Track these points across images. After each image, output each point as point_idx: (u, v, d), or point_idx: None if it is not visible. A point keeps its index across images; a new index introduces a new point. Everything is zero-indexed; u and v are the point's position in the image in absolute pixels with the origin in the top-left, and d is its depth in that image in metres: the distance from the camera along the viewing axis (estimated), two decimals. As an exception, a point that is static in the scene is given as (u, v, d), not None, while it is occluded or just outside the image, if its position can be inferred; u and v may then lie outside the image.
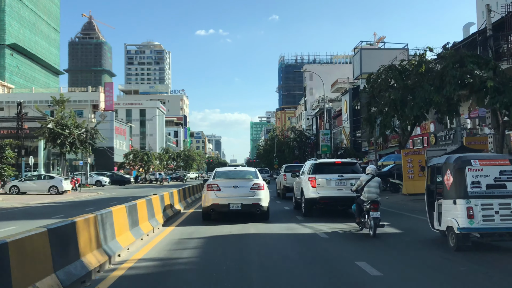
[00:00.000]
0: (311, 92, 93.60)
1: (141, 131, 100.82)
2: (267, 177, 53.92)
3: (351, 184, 13.37)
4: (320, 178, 14.47)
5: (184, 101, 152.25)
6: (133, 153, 64.15)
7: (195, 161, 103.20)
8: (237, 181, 14.11)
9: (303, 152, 63.51)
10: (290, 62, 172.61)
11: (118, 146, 69.18)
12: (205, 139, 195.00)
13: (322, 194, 14.35)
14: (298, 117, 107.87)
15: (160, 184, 61.82)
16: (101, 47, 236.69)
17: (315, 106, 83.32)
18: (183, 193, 20.71)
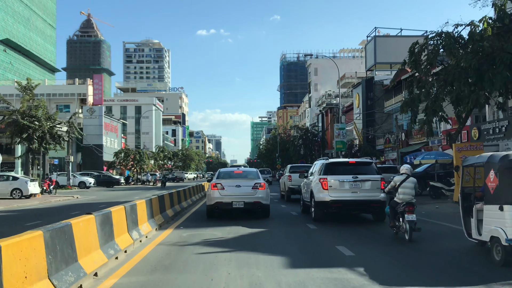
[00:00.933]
0: (316, 88, 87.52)
1: (136, 129, 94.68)
2: (268, 177, 51.16)
3: (367, 186, 12.78)
4: (333, 180, 13.03)
5: (183, 99, 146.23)
6: (124, 152, 58.00)
7: (194, 161, 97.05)
8: (240, 181, 14.63)
9: (310, 150, 57.41)
10: (292, 60, 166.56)
11: (109, 144, 63.04)
12: (205, 138, 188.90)
13: (334, 197, 12.88)
14: (302, 115, 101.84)
15: (153, 185, 55.93)
16: (100, 45, 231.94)
17: (321, 102, 77.25)
18: (169, 200, 15.82)
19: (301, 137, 57.92)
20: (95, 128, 58.67)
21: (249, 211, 14.76)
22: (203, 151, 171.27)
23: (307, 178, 15.56)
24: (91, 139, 57.84)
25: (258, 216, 14.72)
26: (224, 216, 14.78)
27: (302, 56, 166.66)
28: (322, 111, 72.17)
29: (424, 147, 35.41)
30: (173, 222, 14.33)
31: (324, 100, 76.37)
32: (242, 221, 13.57)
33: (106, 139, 62.35)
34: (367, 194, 12.80)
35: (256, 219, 14.15)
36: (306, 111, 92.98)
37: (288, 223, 13.73)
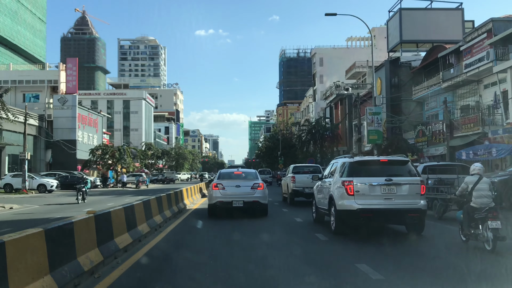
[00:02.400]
0: (321, 80, 77.92)
1: (124, 125, 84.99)
2: (268, 178, 47.52)
3: (403, 191, 10.01)
4: (360, 183, 10.10)
5: (178, 96, 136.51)
6: (102, 149, 48.27)
7: (187, 161, 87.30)
8: (239, 181, 14.92)
9: (320, 147, 47.81)
10: (292, 56, 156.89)
11: (86, 140, 53.28)
12: (201, 137, 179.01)
13: (363, 205, 9.96)
14: (304, 110, 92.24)
15: (136, 188, 46.33)
16: (95, 43, 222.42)
17: (329, 94, 67.69)
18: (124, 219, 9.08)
19: (309, 132, 48.24)
20: (67, 120, 48.95)
21: (248, 211, 14.71)
22: (199, 150, 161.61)
23: (322, 181, 12.71)
24: (62, 134, 48.19)
25: (257, 219, 14.19)
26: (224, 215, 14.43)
27: (302, 52, 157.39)
28: (330, 104, 62.63)
29: (486, 138, 25.89)
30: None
31: (332, 92, 66.83)
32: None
33: (83, 134, 52.59)
34: (404, 201, 9.97)
35: (254, 229, 12.13)
36: (310, 106, 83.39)
37: (292, 232, 11.72)
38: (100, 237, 7.37)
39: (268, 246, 9.76)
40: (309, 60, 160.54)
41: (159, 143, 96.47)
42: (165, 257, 8.67)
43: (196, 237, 11.43)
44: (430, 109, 38.23)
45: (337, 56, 76.89)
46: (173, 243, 10.32)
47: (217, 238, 10.87)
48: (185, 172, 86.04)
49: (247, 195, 14.42)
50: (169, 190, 18.45)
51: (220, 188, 14.61)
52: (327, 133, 48.11)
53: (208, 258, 8.26)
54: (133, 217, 9.81)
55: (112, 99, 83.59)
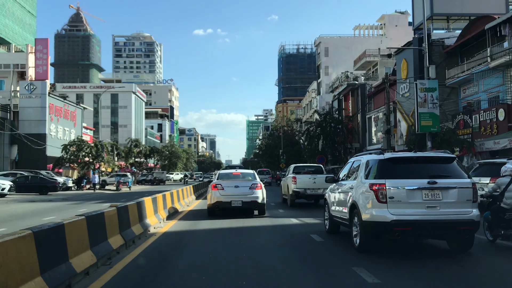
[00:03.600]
0: (327, 72, 70.42)
1: (112, 121, 77.29)
2: (267, 178, 44.89)
3: (451, 197, 7.79)
4: (395, 187, 7.81)
5: (173, 93, 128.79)
6: (76, 144, 40.67)
7: (181, 160, 79.65)
8: (238, 182, 14.94)
9: (332, 143, 40.23)
10: (291, 52, 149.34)
11: (61, 135, 45.61)
12: (197, 136, 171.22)
13: (399, 215, 7.71)
14: (307, 106, 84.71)
15: (116, 190, 38.96)
16: (89, 40, 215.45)
17: (337, 85, 60.22)
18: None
19: (319, 125, 40.57)
20: (36, 111, 41.25)
21: (247, 211, 14.80)
22: (195, 150, 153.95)
23: (338, 183, 10.24)
24: (29, 127, 40.54)
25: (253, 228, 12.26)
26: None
27: (302, 48, 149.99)
28: (339, 96, 55.10)
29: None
30: None
31: (341, 83, 59.40)
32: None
33: (56, 128, 44.92)
34: (452, 210, 7.77)
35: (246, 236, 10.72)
36: (313, 100, 75.86)
37: (289, 236, 10.89)
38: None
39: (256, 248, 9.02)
40: (310, 56, 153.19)
41: (151, 141, 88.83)
42: None
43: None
44: (468, 95, 30.82)
45: (344, 46, 69.47)
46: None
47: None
48: (179, 172, 78.42)
49: (245, 195, 14.43)
50: (152, 193, 15.90)
51: (219, 188, 14.57)
52: (339, 127, 40.53)
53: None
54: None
55: (99, 92, 75.80)
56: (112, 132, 75.56)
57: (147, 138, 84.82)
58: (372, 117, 45.94)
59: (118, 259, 7.83)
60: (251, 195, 14.40)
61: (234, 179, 15.31)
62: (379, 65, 56.88)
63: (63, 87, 75.11)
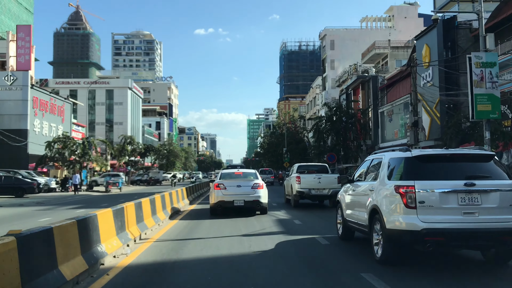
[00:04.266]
0: (332, 66, 66.24)
1: (107, 119, 73.13)
2: (269, 178, 43.76)
3: (491, 202, 6.63)
4: (424, 190, 6.64)
5: (172, 90, 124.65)
6: (61, 141, 36.57)
7: (179, 159, 75.48)
8: (240, 181, 14.81)
9: (343, 140, 36.00)
10: (293, 49, 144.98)
11: (46, 131, 41.49)
12: (197, 135, 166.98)
13: (431, 223, 6.54)
14: (311, 103, 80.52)
15: (105, 192, 34.96)
16: (89, 38, 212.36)
17: (345, 79, 56.09)
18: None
19: (329, 120, 36.30)
20: (17, 105, 37.15)
21: (249, 210, 14.66)
22: (195, 149, 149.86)
23: (353, 184, 9.05)
24: (9, 122, 36.42)
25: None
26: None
27: (304, 45, 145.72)
28: (347, 91, 50.90)
29: None
30: None
31: (350, 76, 55.25)
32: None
33: (41, 123, 40.82)
34: (494, 217, 6.58)
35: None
36: (318, 96, 71.66)
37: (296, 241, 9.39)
38: None
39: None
40: (312, 53, 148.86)
41: (149, 140, 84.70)
42: None
43: None
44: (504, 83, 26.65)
45: (351, 38, 65.30)
46: None
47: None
48: (177, 172, 74.27)
49: (248, 195, 14.28)
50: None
51: (222, 188, 14.42)
52: (351, 122, 36.28)
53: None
54: None
55: (93, 88, 71.67)
56: (107, 130, 71.44)
57: (144, 137, 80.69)
58: (385, 112, 41.78)
59: None
60: (253, 195, 14.33)
61: (236, 178, 15.23)
62: (389, 58, 52.78)
63: (56, 82, 71.01)
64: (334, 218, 10.49)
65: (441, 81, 28.87)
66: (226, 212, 14.73)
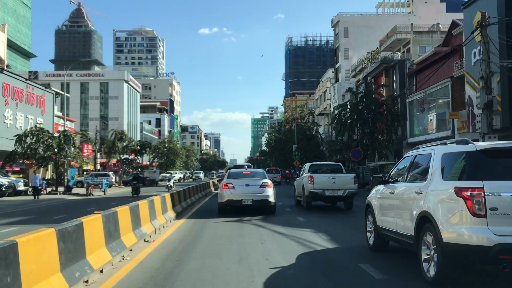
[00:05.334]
0: (346, 55, 59.75)
1: (101, 114, 66.92)
2: (276, 177, 42.00)
3: None
4: (496, 193, 5.01)
5: (174, 87, 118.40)
6: (34, 135, 30.31)
7: (179, 157, 69.19)
8: (248, 180, 14.63)
9: (370, 133, 29.38)
10: (300, 44, 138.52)
11: (21, 124, 35.24)
12: (201, 134, 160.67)
13: (507, 237, 4.88)
14: (320, 98, 74.06)
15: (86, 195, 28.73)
16: (90, 36, 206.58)
17: (362, 68, 49.67)
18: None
19: (354, 108, 29.62)
20: (-20, 91, 30.84)
21: (257, 209, 14.37)
22: (198, 148, 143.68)
23: (388, 185, 7.50)
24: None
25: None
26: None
27: (310, 40, 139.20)
28: (366, 79, 44.39)
29: None
30: None
31: (366, 65, 48.82)
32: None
33: (14, 114, 34.58)
34: None
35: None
36: (329, 90, 65.18)
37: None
38: None
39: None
40: (319, 49, 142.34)
41: (148, 137, 78.44)
42: None
43: None
44: None
45: (367, 25, 58.81)
46: None
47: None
48: (177, 171, 67.98)
49: (256, 194, 14.13)
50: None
51: (230, 187, 14.28)
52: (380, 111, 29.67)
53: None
54: None
55: (86, 81, 65.48)
56: (101, 126, 65.26)
57: (143, 134, 74.44)
58: (414, 102, 35.29)
59: None
60: (261, 194, 14.07)
61: (245, 178, 15.03)
62: (412, 44, 46.21)
63: (46, 75, 64.87)
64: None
65: (502, 55, 22.41)
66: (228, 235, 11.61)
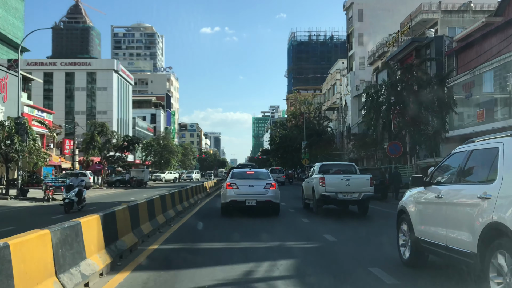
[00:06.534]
0: (361, 41, 52.71)
1: (88, 107, 59.94)
2: (280, 178, 38.10)
3: None
4: None
5: (172, 82, 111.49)
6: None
7: (174, 155, 62.18)
8: (252, 181, 14.05)
9: (412, 119, 22.06)
10: (303, 39, 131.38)
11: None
12: (200, 132, 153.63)
13: None
14: (328, 92, 67.03)
15: (43, 200, 21.57)
16: (88, 32, 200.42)
17: (382, 53, 42.63)
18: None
19: (394, 86, 22.18)
20: None
21: (261, 210, 13.59)
22: (197, 146, 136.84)
23: (431, 188, 6.22)
24: None
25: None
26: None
27: (314, 35, 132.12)
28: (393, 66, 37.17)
29: None
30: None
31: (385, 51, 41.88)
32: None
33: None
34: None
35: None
36: (339, 82, 58.15)
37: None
38: None
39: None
40: (323, 44, 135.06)
41: (141, 133, 71.46)
42: None
43: None
44: None
45: (383, 8, 51.76)
46: None
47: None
48: (172, 171, 61.00)
49: (260, 195, 13.52)
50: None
51: (234, 187, 13.66)
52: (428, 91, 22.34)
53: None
54: None
55: (72, 70, 58.51)
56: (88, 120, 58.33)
57: (136, 130, 67.41)
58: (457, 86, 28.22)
59: None
60: (266, 195, 13.47)
61: (248, 178, 14.46)
62: (440, 25, 39.23)
63: (27, 63, 57.89)
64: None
65: None
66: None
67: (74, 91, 58.48)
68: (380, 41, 44.67)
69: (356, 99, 48.66)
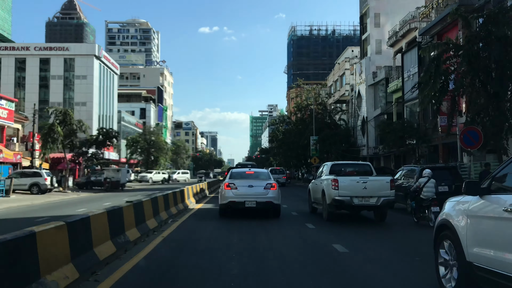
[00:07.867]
0: (377, 22, 45.07)
1: (65, 97, 52.12)
2: (281, 178, 35.60)
3: None
4: None
5: (166, 77, 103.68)
6: None
7: (163, 153, 54.46)
8: (252, 181, 13.31)
9: (495, 93, 14.62)
10: (304, 34, 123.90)
11: None
12: (196, 131, 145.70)
13: None
14: (335, 84, 59.55)
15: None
16: (83, 28, 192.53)
17: (406, 31, 35.02)
18: None
19: (469, 45, 14.64)
20: None
21: (261, 211, 13.01)
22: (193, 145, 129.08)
23: (490, 198, 4.48)
24: None
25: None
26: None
27: (315, 30, 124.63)
28: (420, 44, 29.60)
29: None
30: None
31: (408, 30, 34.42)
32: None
33: None
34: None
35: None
36: (350, 71, 50.60)
37: None
38: None
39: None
40: (324, 39, 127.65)
41: (129, 130, 63.73)
42: None
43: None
44: None
45: (401, -15, 44.13)
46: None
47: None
48: (161, 171, 53.27)
49: (260, 195, 12.76)
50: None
51: (233, 188, 12.89)
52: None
53: None
54: None
55: (47, 56, 50.76)
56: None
57: (121, 125, 59.65)
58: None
59: None
60: (266, 196, 12.75)
61: (248, 178, 13.69)
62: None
63: (-3, 48, 50.16)
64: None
65: None
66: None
67: (50, 80, 50.76)
68: (404, 18, 37.07)
69: (372, 87, 41.23)
